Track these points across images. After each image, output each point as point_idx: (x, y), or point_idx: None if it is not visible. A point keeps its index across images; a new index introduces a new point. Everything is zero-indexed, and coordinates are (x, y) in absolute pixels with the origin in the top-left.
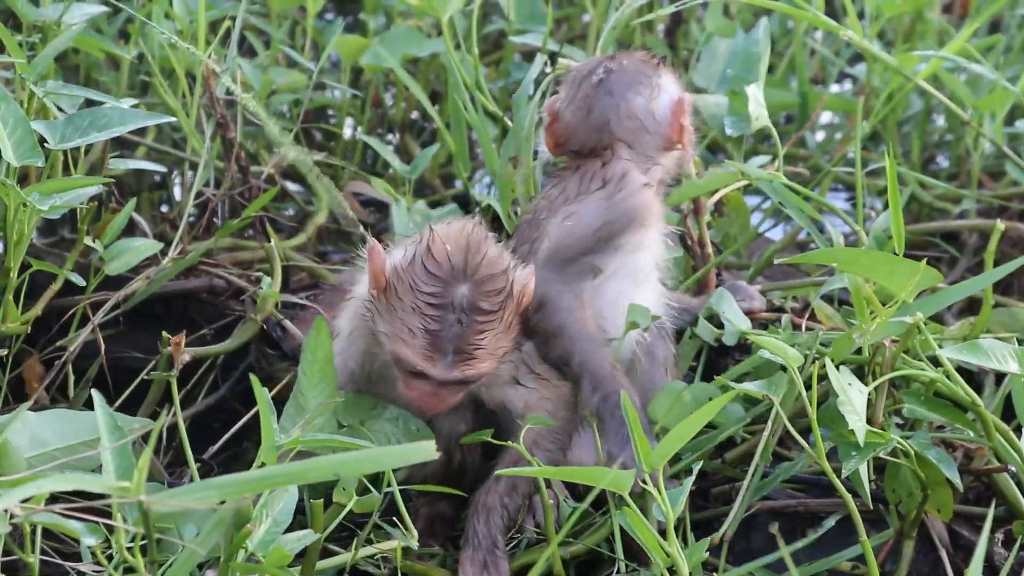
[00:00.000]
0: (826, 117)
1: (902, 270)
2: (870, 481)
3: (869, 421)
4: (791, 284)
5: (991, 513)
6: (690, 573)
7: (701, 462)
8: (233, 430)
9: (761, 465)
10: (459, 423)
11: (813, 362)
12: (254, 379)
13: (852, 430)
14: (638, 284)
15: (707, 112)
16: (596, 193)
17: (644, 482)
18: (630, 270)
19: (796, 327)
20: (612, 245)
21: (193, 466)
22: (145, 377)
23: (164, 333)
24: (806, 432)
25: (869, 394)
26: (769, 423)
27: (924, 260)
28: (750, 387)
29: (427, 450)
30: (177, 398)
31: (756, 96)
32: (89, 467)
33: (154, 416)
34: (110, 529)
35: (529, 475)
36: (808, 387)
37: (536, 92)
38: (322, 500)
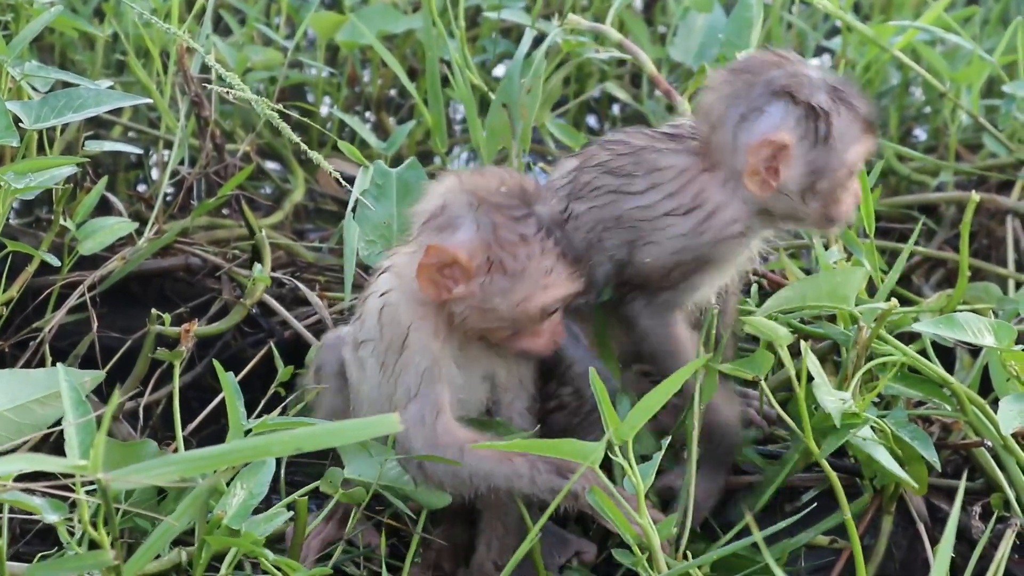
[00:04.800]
0: None
1: (847, 283)
2: (850, 456)
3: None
4: None
5: (962, 485)
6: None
7: (669, 438)
8: (209, 408)
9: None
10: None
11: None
12: (217, 365)
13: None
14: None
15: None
16: (681, 220)
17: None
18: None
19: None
20: (690, 283)
21: (180, 440)
22: (145, 356)
23: (154, 311)
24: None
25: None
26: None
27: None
28: (739, 366)
29: (391, 423)
30: (177, 378)
31: None
32: (45, 424)
33: (139, 395)
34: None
35: (501, 448)
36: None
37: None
38: (306, 497)
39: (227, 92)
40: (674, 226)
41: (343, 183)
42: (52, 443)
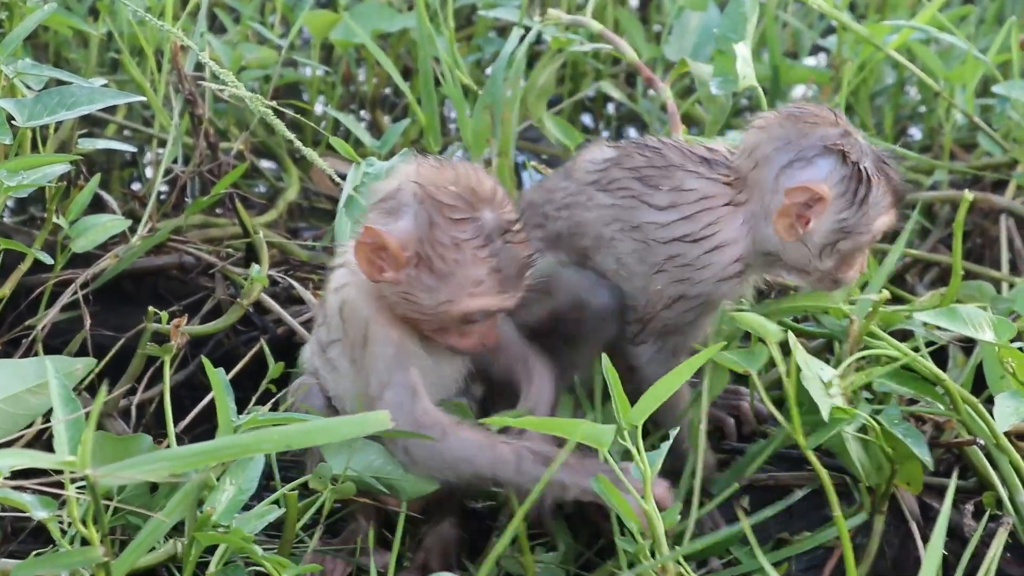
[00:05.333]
0: (800, 90)
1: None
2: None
3: None
4: None
5: (953, 483)
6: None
7: (677, 429)
8: (201, 404)
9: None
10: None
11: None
12: (206, 361)
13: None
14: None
15: (695, 76)
16: (688, 247)
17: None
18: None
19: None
20: (693, 327)
21: (172, 437)
22: (133, 351)
23: (150, 308)
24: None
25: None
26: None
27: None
28: (730, 357)
29: (381, 420)
30: (168, 374)
31: (744, 54)
32: (39, 412)
33: (132, 392)
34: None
35: (508, 424)
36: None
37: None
38: (296, 492)
39: (221, 90)
40: (682, 255)
41: (336, 180)
42: (46, 440)
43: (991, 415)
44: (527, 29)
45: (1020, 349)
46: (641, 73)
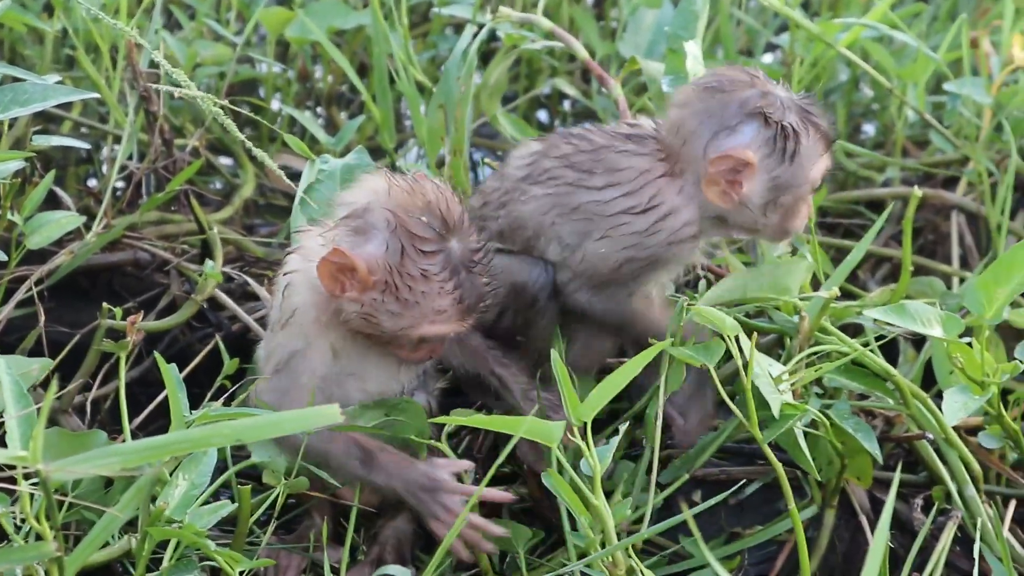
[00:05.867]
0: None
1: (789, 274)
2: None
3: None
4: None
5: (897, 476)
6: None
7: (627, 423)
8: (156, 401)
9: None
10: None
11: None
12: (159, 357)
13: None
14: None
15: (645, 74)
16: (636, 218)
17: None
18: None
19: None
20: (638, 281)
21: (127, 432)
22: (88, 348)
23: (105, 305)
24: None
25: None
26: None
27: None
28: (687, 352)
29: (332, 414)
30: (123, 370)
31: (694, 52)
32: None
33: (86, 388)
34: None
35: (462, 423)
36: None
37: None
38: (250, 486)
39: (174, 92)
40: (629, 224)
41: (287, 181)
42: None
43: (941, 410)
44: (480, 26)
45: (968, 344)
46: (592, 70)
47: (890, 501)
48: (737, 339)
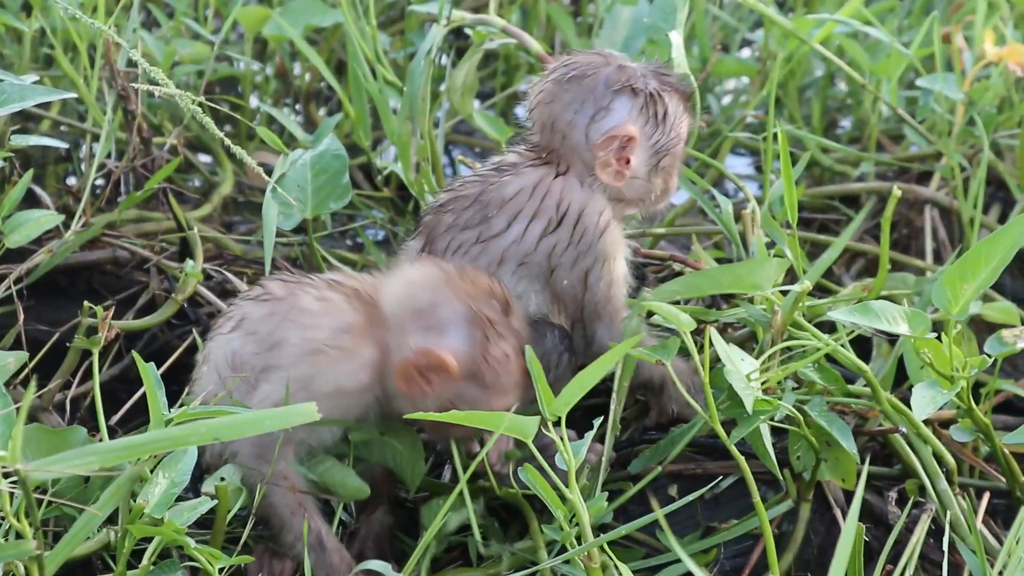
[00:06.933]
0: (731, 84)
1: (760, 271)
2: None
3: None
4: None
5: (866, 469)
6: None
7: (601, 418)
8: (135, 398)
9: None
10: None
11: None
12: (136, 355)
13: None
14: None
15: None
16: (557, 234)
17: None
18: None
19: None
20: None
21: (104, 430)
22: (67, 345)
23: (86, 303)
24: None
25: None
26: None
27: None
28: (642, 350)
29: (309, 412)
30: (97, 367)
31: (677, 42)
32: None
33: (67, 386)
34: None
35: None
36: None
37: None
38: (227, 483)
39: (151, 90)
40: (556, 244)
41: (266, 177)
42: None
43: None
44: (445, 24)
45: (937, 338)
46: (545, 63)
47: (859, 492)
48: (694, 335)
